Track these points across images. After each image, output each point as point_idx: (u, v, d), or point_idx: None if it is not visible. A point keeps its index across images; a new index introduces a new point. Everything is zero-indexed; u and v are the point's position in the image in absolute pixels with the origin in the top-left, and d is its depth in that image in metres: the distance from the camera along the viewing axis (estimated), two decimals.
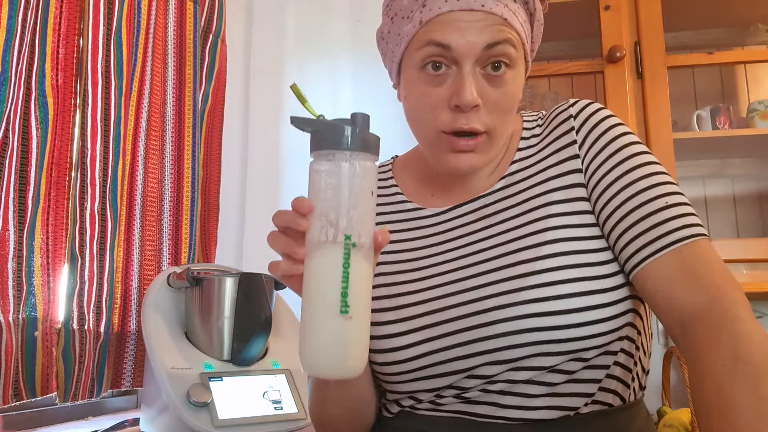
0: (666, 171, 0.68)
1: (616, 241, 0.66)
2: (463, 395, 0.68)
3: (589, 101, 0.74)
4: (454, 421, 0.69)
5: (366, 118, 0.54)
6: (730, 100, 1.76)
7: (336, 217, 0.53)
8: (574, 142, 0.71)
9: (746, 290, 1.45)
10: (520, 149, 0.76)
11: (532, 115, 0.79)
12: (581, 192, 0.69)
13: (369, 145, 0.54)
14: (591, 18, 1.53)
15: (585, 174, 0.69)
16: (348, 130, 0.52)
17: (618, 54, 1.47)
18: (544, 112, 0.79)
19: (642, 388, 0.73)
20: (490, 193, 0.75)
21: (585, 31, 1.59)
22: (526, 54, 0.72)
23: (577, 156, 0.70)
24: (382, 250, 0.75)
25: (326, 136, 0.53)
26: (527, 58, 0.73)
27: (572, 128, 0.71)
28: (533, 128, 0.77)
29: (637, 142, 0.70)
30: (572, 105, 0.74)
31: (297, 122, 0.55)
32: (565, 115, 0.73)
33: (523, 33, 0.69)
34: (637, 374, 0.71)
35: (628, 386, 0.69)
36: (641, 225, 0.64)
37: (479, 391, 0.67)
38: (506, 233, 0.70)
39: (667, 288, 0.61)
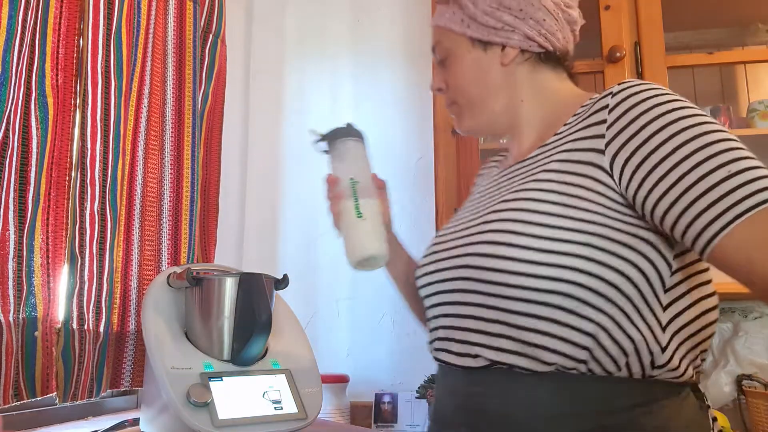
0: (724, 130, 0.62)
1: (676, 222, 0.62)
2: (439, 338, 0.80)
3: (640, 81, 0.70)
4: (439, 366, 0.82)
5: (349, 126, 0.96)
6: (730, 100, 1.76)
7: (345, 173, 0.92)
8: (604, 121, 0.69)
9: (747, 290, 1.44)
10: (566, 124, 0.76)
11: (597, 96, 0.77)
12: (588, 169, 0.68)
13: (350, 132, 0.94)
14: (591, 18, 1.52)
15: (611, 157, 0.67)
16: (338, 130, 0.95)
17: (618, 54, 1.47)
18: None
19: (619, 367, 0.67)
20: (526, 159, 0.80)
21: (585, 31, 1.59)
22: (471, 33, 0.83)
23: (602, 136, 0.68)
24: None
25: (330, 134, 0.96)
26: (476, 35, 0.83)
27: (606, 106, 0.69)
28: (588, 105, 0.75)
29: (682, 108, 0.64)
30: (620, 84, 0.71)
31: (323, 138, 0.97)
32: (606, 92, 0.71)
33: (454, 23, 0.84)
34: (603, 345, 0.66)
35: (579, 349, 0.66)
36: (703, 201, 0.60)
37: (441, 339, 0.79)
38: (506, 189, 0.78)
39: (745, 261, 0.59)
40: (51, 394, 1.08)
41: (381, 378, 1.78)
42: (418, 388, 1.59)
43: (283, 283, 1.17)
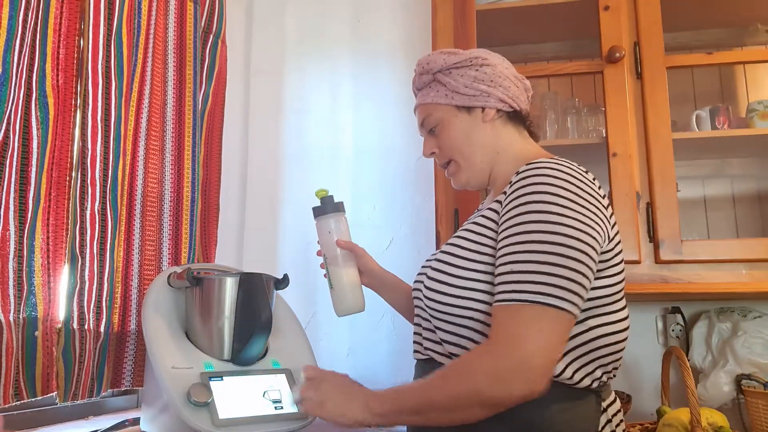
0: (543, 239, 0.81)
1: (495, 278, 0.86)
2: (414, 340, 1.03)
3: (538, 170, 0.87)
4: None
5: (326, 201, 1.19)
6: (730, 100, 1.76)
7: (322, 249, 1.21)
8: (505, 192, 0.89)
9: (746, 290, 1.45)
10: (510, 183, 0.91)
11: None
12: (486, 231, 0.91)
13: (325, 209, 1.19)
14: (591, 18, 1.53)
15: (499, 224, 0.89)
16: (316, 208, 1.20)
17: (617, 54, 1.47)
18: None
19: None
20: (481, 209, 1.02)
21: (585, 31, 1.59)
22: (456, 102, 1.01)
23: (499, 210, 0.90)
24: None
25: (316, 210, 1.21)
26: (461, 103, 1.01)
27: (511, 182, 0.89)
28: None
29: (533, 212, 0.83)
30: (528, 164, 0.89)
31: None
32: (518, 170, 0.90)
33: (440, 98, 1.03)
34: None
35: None
36: (495, 279, 0.85)
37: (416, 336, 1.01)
38: (461, 228, 0.98)
39: (494, 332, 0.83)
40: (51, 394, 1.08)
41: (381, 378, 1.78)
42: None
43: (283, 283, 1.17)
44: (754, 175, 1.74)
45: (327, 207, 1.18)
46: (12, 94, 1.02)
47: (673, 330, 1.65)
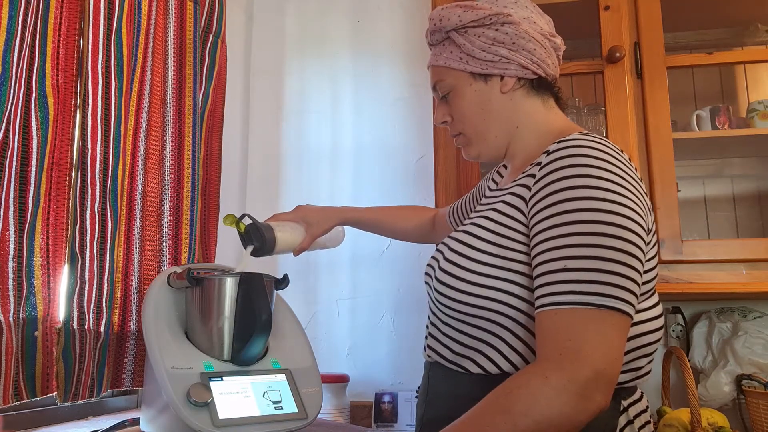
0: (598, 231, 0.71)
1: (534, 280, 0.77)
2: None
3: (575, 149, 0.77)
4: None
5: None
6: (730, 100, 1.76)
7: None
8: (534, 175, 0.80)
9: (746, 290, 1.44)
10: (532, 164, 0.83)
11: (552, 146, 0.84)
12: (516, 214, 0.81)
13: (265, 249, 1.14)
14: (591, 18, 1.53)
15: (528, 208, 0.80)
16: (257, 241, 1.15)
17: (618, 54, 1.47)
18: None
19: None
20: (502, 189, 0.91)
21: (585, 31, 1.59)
22: (471, 68, 0.90)
23: (529, 188, 0.80)
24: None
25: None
26: (476, 70, 0.90)
27: (540, 163, 0.80)
28: (543, 155, 0.83)
29: (580, 198, 0.73)
30: (560, 141, 0.79)
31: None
32: (546, 149, 0.81)
33: (453, 62, 0.91)
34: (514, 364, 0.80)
35: (495, 365, 0.81)
36: (541, 278, 0.74)
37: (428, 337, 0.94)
38: (477, 212, 0.91)
39: (541, 339, 0.73)
40: (51, 394, 1.08)
41: (381, 378, 1.78)
42: (418, 387, 1.59)
43: (283, 283, 1.17)
44: (754, 175, 1.74)
45: (264, 249, 1.14)
46: (12, 94, 1.02)
47: (673, 330, 1.65)
